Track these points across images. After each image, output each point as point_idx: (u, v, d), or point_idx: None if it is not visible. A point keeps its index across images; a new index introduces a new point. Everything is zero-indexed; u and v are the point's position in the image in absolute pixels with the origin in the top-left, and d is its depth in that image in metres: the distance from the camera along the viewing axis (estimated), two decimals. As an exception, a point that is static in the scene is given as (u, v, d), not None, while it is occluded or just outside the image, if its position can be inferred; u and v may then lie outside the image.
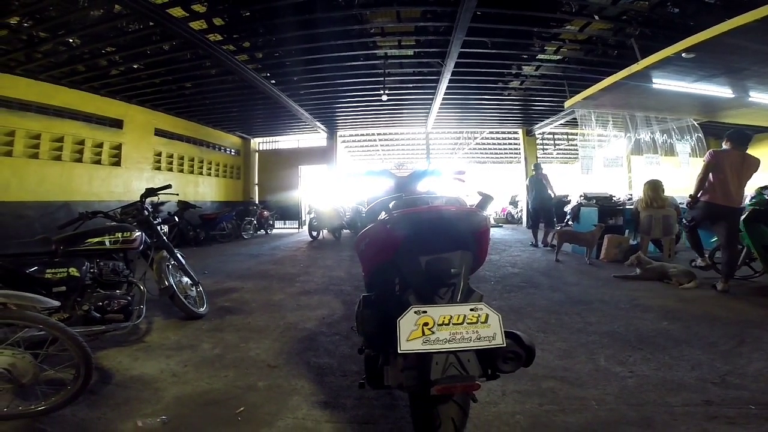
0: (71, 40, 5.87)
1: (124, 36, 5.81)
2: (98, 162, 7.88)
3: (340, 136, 12.86)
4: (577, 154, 9.90)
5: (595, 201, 6.66)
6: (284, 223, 12.95)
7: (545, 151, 14.02)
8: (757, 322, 2.91)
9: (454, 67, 6.64)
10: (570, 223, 7.30)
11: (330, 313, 3.38)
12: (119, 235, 2.73)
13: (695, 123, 7.69)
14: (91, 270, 2.54)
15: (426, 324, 1.21)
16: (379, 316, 1.50)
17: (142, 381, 2.12)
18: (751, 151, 4.18)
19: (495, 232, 10.37)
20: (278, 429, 1.66)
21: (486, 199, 1.60)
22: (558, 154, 14.77)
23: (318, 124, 10.91)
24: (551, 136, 13.39)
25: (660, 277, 4.39)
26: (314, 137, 12.67)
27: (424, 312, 1.23)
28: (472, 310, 1.24)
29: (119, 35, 5.79)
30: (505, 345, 1.24)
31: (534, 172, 8.03)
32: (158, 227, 3.32)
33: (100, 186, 7.85)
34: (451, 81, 7.33)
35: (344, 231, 9.90)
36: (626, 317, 3.13)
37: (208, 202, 10.95)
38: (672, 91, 5.90)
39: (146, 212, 3.24)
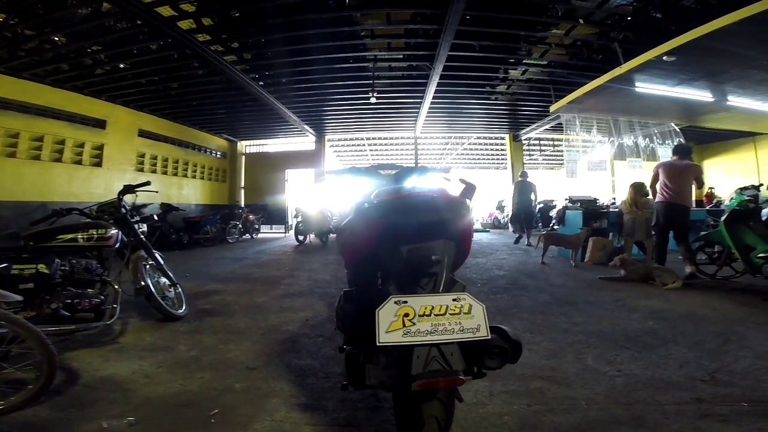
0: (57, 38, 5.71)
1: (110, 35, 5.67)
2: (79, 162, 7.66)
3: (329, 140, 12.78)
4: (562, 160, 10.04)
5: (580, 204, 6.69)
6: (270, 228, 12.72)
7: (531, 157, 14.16)
8: (740, 321, 2.91)
9: (443, 71, 6.65)
10: (556, 227, 7.34)
11: (314, 315, 3.28)
12: (94, 232, 2.64)
13: (676, 128, 7.84)
14: (63, 267, 2.45)
15: (406, 315, 1.15)
16: (360, 311, 1.42)
17: (112, 382, 2.03)
18: (728, 156, 4.31)
19: (482, 237, 10.36)
20: (254, 431, 1.57)
21: (470, 188, 1.53)
22: (543, 159, 14.94)
23: (306, 127, 10.82)
24: (537, 142, 13.53)
25: (644, 278, 4.40)
26: (302, 141, 12.56)
27: (405, 302, 1.16)
28: (454, 300, 1.18)
29: (106, 34, 5.65)
30: (489, 337, 1.17)
31: (521, 179, 8.39)
32: (136, 226, 3.20)
33: (79, 187, 7.60)
34: (439, 85, 7.34)
35: (331, 235, 9.76)
36: (612, 317, 3.11)
37: (192, 205, 10.72)
38: (654, 95, 5.99)
39: (123, 210, 3.11)
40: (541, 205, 11.89)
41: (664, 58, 4.80)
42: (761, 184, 4.45)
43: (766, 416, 1.56)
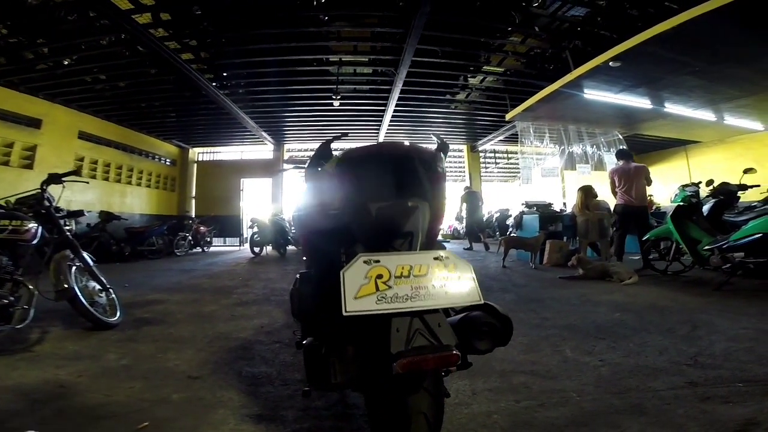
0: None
1: (58, 26, 5.04)
2: (6, 164, 6.71)
3: (288, 150, 12.26)
4: (516, 172, 10.31)
5: (536, 209, 6.79)
6: (224, 241, 11.77)
7: (487, 169, 14.48)
8: (701, 309, 2.89)
9: (406, 77, 6.59)
10: (514, 232, 7.41)
11: (270, 322, 2.88)
12: (7, 223, 2.25)
13: (621, 136, 8.29)
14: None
15: (380, 276, 0.89)
16: (320, 294, 1.12)
17: (17, 392, 1.66)
18: (663, 165, 4.56)
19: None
20: None
21: (443, 145, 1.29)
22: (499, 171, 15.34)
23: (264, 134, 10.31)
24: (493, 154, 13.89)
25: (602, 276, 4.41)
26: (260, 149, 11.95)
27: (377, 261, 0.90)
28: (436, 259, 0.94)
29: (53, 25, 5.01)
30: (483, 302, 0.96)
31: (466, 191, 9.27)
32: (62, 222, 2.76)
33: (5, 190, 6.55)
34: (402, 92, 7.27)
35: (290, 247, 9.21)
36: (580, 311, 3.00)
37: (137, 215, 9.76)
38: (600, 102, 6.26)
39: (48, 203, 2.66)
40: (498, 214, 12.15)
41: (610, 63, 5.01)
42: (700, 182, 4.63)
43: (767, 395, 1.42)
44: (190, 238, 9.38)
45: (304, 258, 1.46)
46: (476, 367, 1.85)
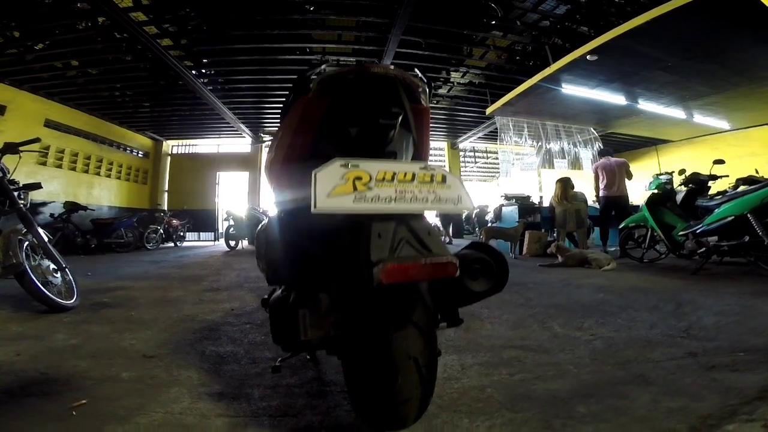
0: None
1: (32, 9, 4.67)
2: (-36, 151, 6.09)
3: (267, 145, 11.81)
4: (495, 171, 10.30)
5: (515, 200, 6.75)
6: (198, 236, 11.13)
7: (466, 168, 14.49)
8: (682, 290, 2.83)
9: (389, 70, 6.39)
10: (494, 223, 7.37)
11: (241, 305, 2.64)
12: None
13: (596, 134, 8.40)
14: None
15: (358, 179, 0.71)
16: (290, 235, 0.93)
17: None
18: (636, 163, 4.67)
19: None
20: (135, 427, 1.02)
21: (428, 82, 1.11)
22: (478, 170, 15.39)
23: (243, 126, 9.90)
24: (473, 152, 13.89)
25: (581, 263, 4.37)
26: (237, 142, 11.46)
27: (356, 166, 0.72)
28: (423, 169, 0.78)
29: (27, 8, 4.65)
30: (476, 208, 0.75)
31: None
32: (17, 195, 2.51)
33: None
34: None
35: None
36: (563, 293, 2.91)
37: (105, 207, 9.16)
38: (577, 97, 6.28)
39: (0, 173, 2.44)
40: (477, 210, 12.16)
41: (588, 57, 5.00)
42: (673, 171, 4.66)
43: (774, 361, 1.31)
44: (161, 231, 8.86)
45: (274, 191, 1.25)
46: (462, 343, 1.69)
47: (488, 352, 1.55)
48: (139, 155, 10.68)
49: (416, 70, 1.09)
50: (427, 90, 1.07)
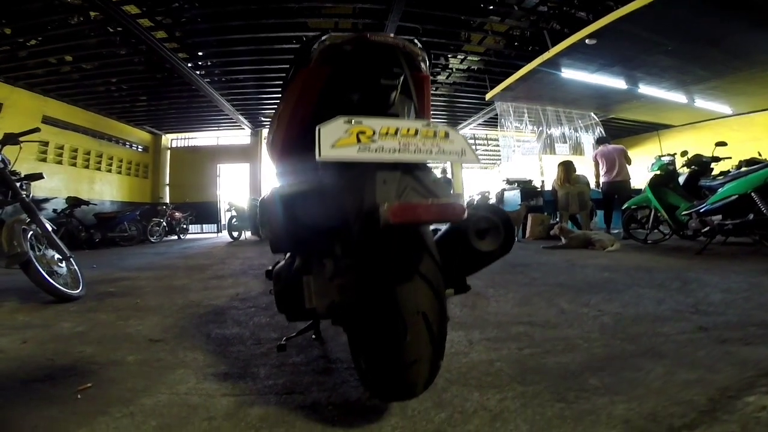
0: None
1: (22, 5, 4.60)
2: (-37, 149, 6.05)
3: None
4: (496, 159, 10.19)
5: (517, 184, 6.71)
6: (201, 228, 11.17)
7: (466, 155, 14.35)
8: (686, 269, 2.81)
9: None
10: (496, 208, 7.35)
11: (246, 291, 2.62)
12: None
13: (597, 119, 8.30)
14: None
15: (362, 133, 0.71)
16: (293, 203, 0.91)
17: None
18: (638, 149, 4.59)
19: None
20: (140, 407, 0.99)
21: (427, 51, 1.09)
22: (479, 156, 15.26)
23: (241, 118, 9.81)
24: (473, 140, 13.75)
25: (585, 244, 4.35)
26: (236, 134, 11.36)
27: (359, 122, 0.72)
28: (425, 125, 0.77)
29: (16, 4, 4.57)
30: (480, 162, 0.75)
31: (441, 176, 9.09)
32: (19, 185, 2.50)
33: None
34: (382, 71, 6.97)
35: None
36: (568, 272, 2.89)
37: (107, 202, 9.14)
38: (577, 82, 6.17)
39: (1, 164, 2.43)
40: (478, 197, 12.13)
41: (587, 41, 4.91)
42: (675, 153, 4.59)
43: (788, 333, 1.28)
44: (164, 224, 8.86)
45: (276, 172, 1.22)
46: (469, 320, 1.67)
47: (495, 328, 1.52)
48: (139, 150, 10.61)
49: (415, 40, 1.06)
50: (426, 59, 1.05)
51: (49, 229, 2.59)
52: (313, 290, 0.81)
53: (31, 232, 2.41)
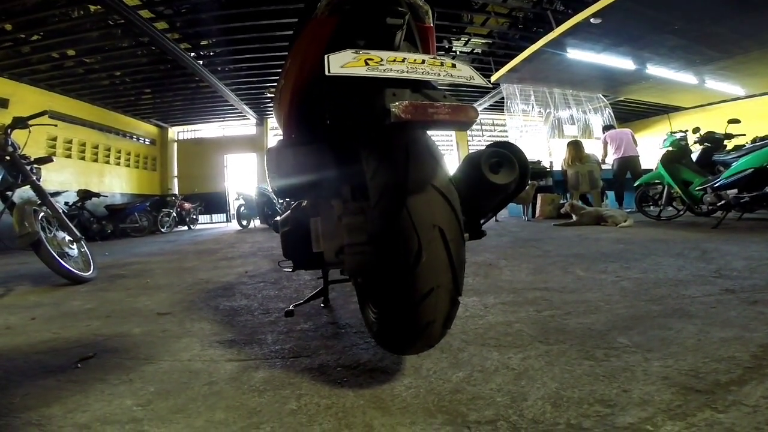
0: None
1: (20, 2, 4.50)
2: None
3: (273, 127, 11.58)
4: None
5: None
6: (211, 218, 11.15)
7: (473, 141, 14.15)
8: (704, 240, 2.69)
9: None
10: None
11: (255, 269, 2.59)
12: None
13: (606, 101, 8.04)
14: None
15: (370, 59, 0.68)
16: (301, 147, 0.88)
17: None
18: (648, 132, 4.55)
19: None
20: (139, 374, 0.95)
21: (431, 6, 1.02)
22: (486, 143, 15.03)
23: (246, 108, 9.69)
24: (479, 125, 13.50)
25: (596, 221, 4.23)
26: (242, 124, 11.23)
27: (367, 53, 0.69)
28: (433, 58, 0.74)
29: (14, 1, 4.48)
30: (489, 84, 0.70)
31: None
32: (30, 169, 2.49)
33: None
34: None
35: (278, 218, 8.78)
36: (581, 245, 2.79)
37: (118, 194, 9.14)
38: (583, 62, 5.96)
39: (12, 148, 2.41)
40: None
41: (591, 20, 4.72)
42: (687, 130, 4.41)
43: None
44: (174, 214, 8.86)
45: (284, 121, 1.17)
46: (482, 287, 1.59)
47: (510, 293, 1.45)
48: (146, 143, 10.57)
49: None
50: (430, 13, 0.97)
51: (60, 210, 2.57)
52: (321, 232, 0.75)
53: (42, 214, 2.39)
